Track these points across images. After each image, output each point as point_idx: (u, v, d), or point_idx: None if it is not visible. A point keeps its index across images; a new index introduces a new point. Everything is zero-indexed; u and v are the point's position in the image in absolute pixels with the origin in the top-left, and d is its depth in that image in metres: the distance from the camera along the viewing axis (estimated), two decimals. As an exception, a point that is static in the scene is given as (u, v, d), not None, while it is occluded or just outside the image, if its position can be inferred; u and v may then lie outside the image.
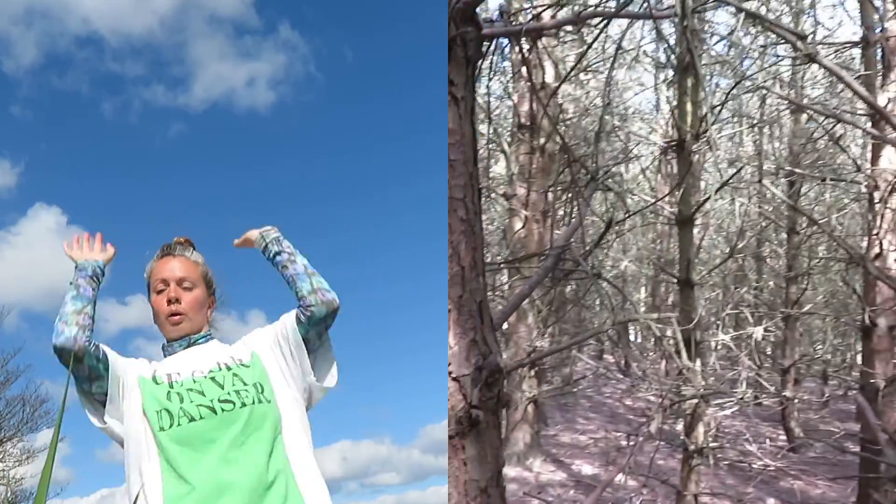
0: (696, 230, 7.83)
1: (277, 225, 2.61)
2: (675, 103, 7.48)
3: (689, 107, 7.17)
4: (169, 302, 2.50)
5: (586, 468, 12.18)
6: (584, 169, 3.37)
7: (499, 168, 13.47)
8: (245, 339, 2.56)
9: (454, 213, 2.44)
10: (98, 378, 2.38)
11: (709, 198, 7.76)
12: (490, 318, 2.58)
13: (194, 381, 2.37)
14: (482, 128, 10.15)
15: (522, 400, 11.90)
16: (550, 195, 10.80)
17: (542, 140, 10.43)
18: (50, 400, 17.49)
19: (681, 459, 8.36)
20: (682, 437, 8.11)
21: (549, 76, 10.17)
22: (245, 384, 2.37)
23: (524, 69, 9.82)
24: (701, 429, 7.83)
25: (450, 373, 2.42)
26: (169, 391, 2.35)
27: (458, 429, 2.46)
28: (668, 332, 7.81)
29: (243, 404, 2.32)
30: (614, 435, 12.53)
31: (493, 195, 12.41)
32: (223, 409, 2.29)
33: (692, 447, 7.85)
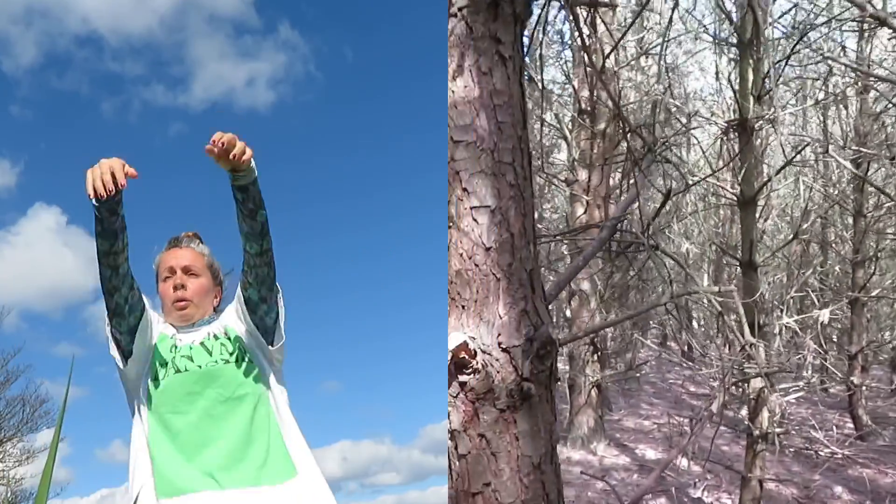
0: (758, 212, 7.54)
1: (278, 224, 2.54)
2: (736, 82, 7.18)
3: (750, 84, 6.90)
4: (175, 288, 2.54)
5: (650, 453, 11.95)
6: (642, 139, 3.19)
7: (561, 156, 13.26)
8: (220, 318, 2.63)
9: (502, 177, 2.28)
10: (119, 315, 2.40)
11: (770, 178, 7.44)
12: (542, 289, 2.43)
13: (190, 349, 2.47)
14: (531, 113, 9.95)
15: (586, 384, 11.76)
16: (610, 175, 10.53)
17: (603, 125, 10.20)
18: (50, 400, 17.02)
19: (745, 445, 8.11)
20: (746, 422, 7.87)
21: (609, 60, 9.93)
22: (230, 350, 2.47)
23: (580, 43, 9.59)
24: (765, 414, 7.57)
25: (499, 343, 2.28)
26: (173, 346, 2.48)
27: (510, 402, 2.31)
28: (732, 317, 7.54)
29: (226, 361, 2.43)
30: (678, 420, 12.26)
31: (555, 182, 12.19)
32: (207, 365, 2.41)
33: (756, 432, 7.59)
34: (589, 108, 10.44)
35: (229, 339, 2.52)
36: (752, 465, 7.66)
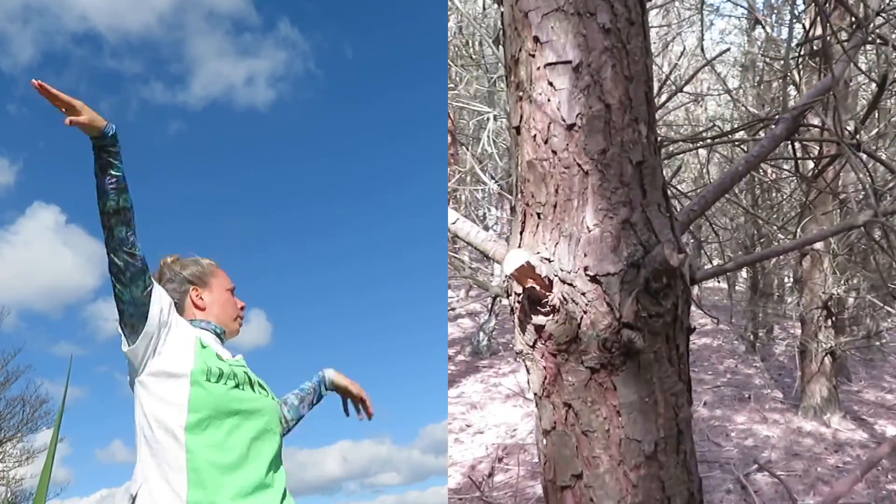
0: None
1: (278, 224, 1.89)
2: None
3: None
4: (241, 307, 2.37)
5: (891, 429, 10.27)
6: (846, 9, 2.19)
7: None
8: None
9: (591, 19, 1.42)
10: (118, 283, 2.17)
11: None
12: (664, 196, 1.54)
13: (235, 360, 2.16)
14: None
15: (819, 351, 10.33)
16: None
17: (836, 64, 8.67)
18: (50, 400, 16.68)
19: None
20: None
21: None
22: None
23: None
24: None
25: (584, 268, 1.43)
26: (218, 356, 2.12)
27: (604, 358, 1.46)
28: None
29: (272, 398, 2.17)
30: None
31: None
32: (261, 392, 2.12)
33: None
34: (820, 47, 8.95)
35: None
36: None
